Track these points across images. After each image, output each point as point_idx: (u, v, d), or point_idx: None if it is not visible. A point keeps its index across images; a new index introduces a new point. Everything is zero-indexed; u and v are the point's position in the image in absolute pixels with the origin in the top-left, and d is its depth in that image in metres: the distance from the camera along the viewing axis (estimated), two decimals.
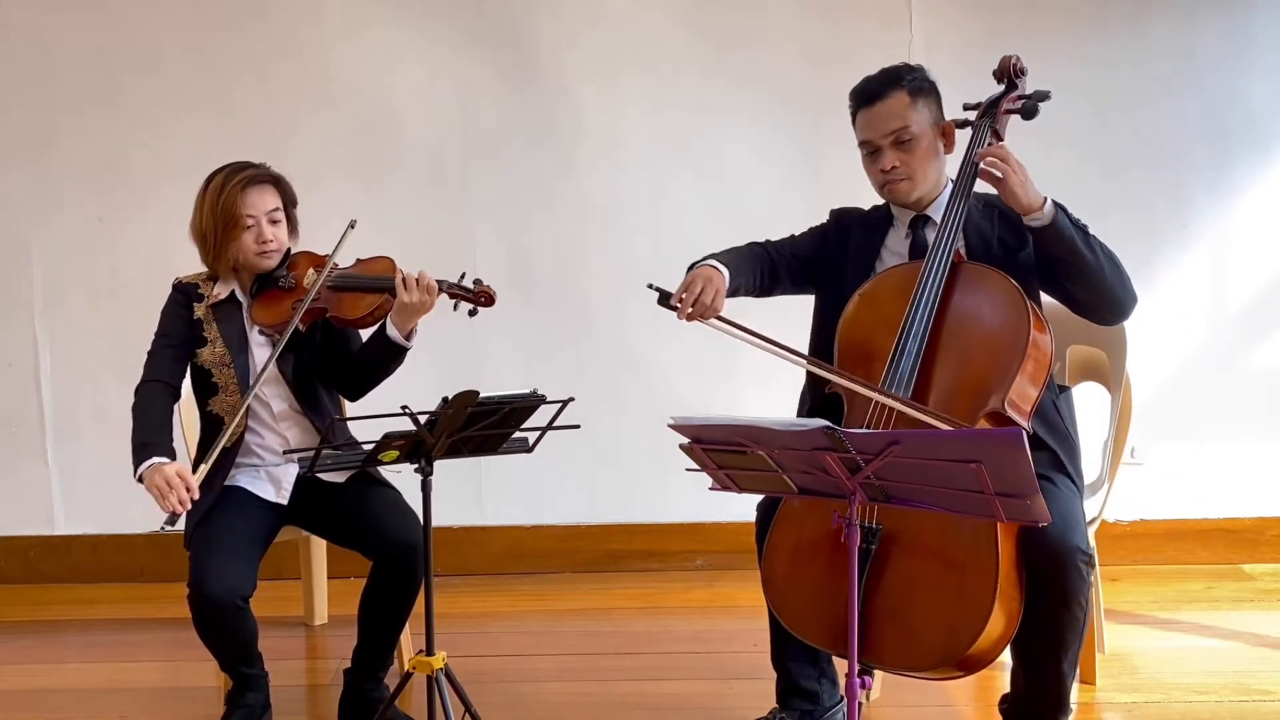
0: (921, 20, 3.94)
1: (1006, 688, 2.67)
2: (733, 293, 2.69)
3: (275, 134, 3.94)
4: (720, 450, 2.20)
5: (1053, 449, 2.59)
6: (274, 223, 2.88)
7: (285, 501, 2.90)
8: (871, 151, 2.68)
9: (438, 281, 2.80)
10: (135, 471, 2.73)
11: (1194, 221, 3.97)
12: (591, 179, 4.04)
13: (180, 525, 2.70)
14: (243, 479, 2.90)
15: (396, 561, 2.79)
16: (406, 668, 2.69)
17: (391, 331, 2.84)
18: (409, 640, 3.06)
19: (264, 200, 2.87)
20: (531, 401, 2.49)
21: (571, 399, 2.54)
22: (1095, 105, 3.87)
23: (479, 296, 2.81)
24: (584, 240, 4.06)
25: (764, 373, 4.01)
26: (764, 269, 2.80)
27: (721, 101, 4.00)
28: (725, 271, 2.68)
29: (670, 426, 2.21)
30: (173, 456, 2.73)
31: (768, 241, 2.88)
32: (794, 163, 4.01)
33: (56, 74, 4.01)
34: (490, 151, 4.02)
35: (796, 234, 2.91)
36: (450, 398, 2.37)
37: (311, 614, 3.71)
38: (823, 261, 2.83)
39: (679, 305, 2.59)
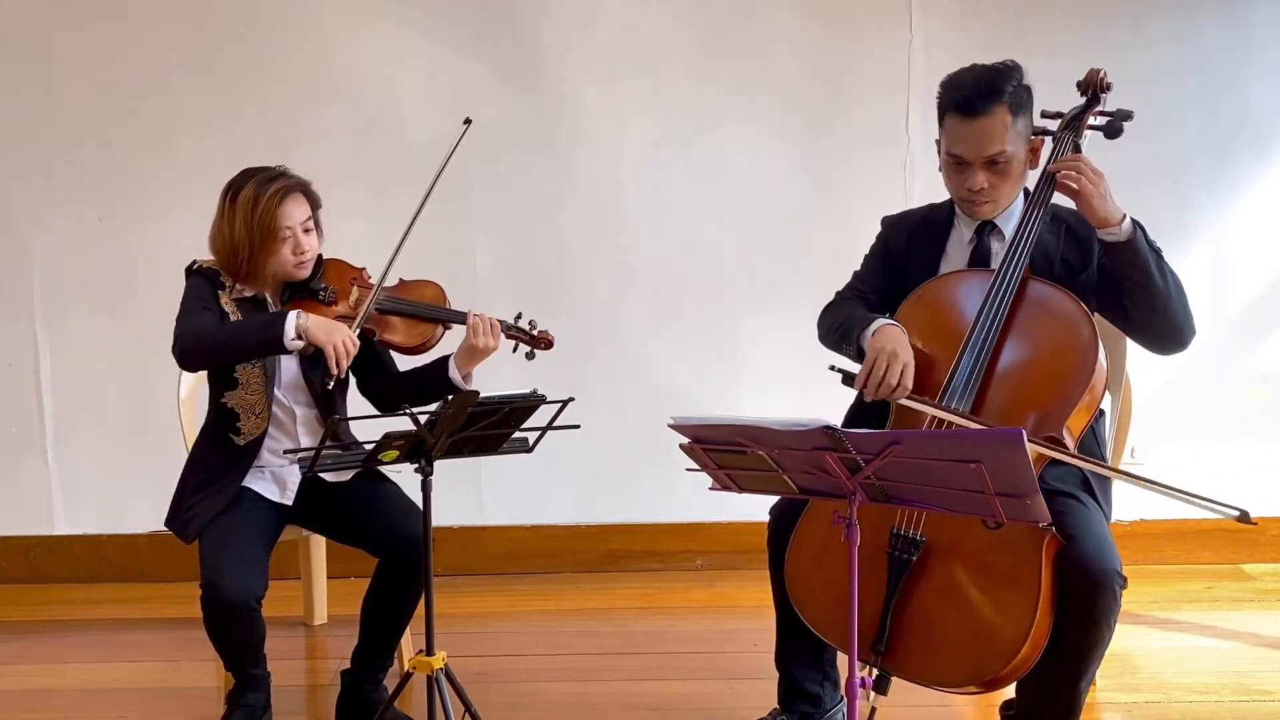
0: (921, 20, 3.94)
1: (1009, 692, 2.65)
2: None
3: (275, 134, 3.94)
4: (720, 450, 2.20)
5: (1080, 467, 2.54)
6: (307, 231, 2.84)
7: (290, 502, 2.90)
8: (959, 163, 2.54)
9: (500, 322, 2.82)
10: (285, 331, 2.66)
11: (1194, 221, 3.97)
12: (591, 179, 4.04)
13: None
14: (248, 480, 2.89)
15: (404, 558, 2.78)
16: (406, 668, 2.69)
17: (453, 373, 2.85)
18: (409, 640, 3.06)
19: (299, 210, 2.82)
20: (531, 401, 2.49)
21: (571, 399, 2.54)
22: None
23: (538, 341, 2.88)
24: (584, 241, 4.06)
25: (765, 373, 4.04)
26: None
27: (721, 102, 4.00)
28: (903, 328, 2.50)
29: (670, 426, 2.21)
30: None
31: (852, 289, 2.76)
32: (794, 163, 4.01)
33: (56, 74, 4.00)
34: (490, 152, 4.02)
35: (859, 271, 2.80)
36: (450, 398, 2.37)
37: (311, 614, 3.71)
38: (895, 282, 2.69)
39: (865, 390, 2.44)
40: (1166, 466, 3.97)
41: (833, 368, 2.49)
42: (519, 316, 2.88)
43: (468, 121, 2.83)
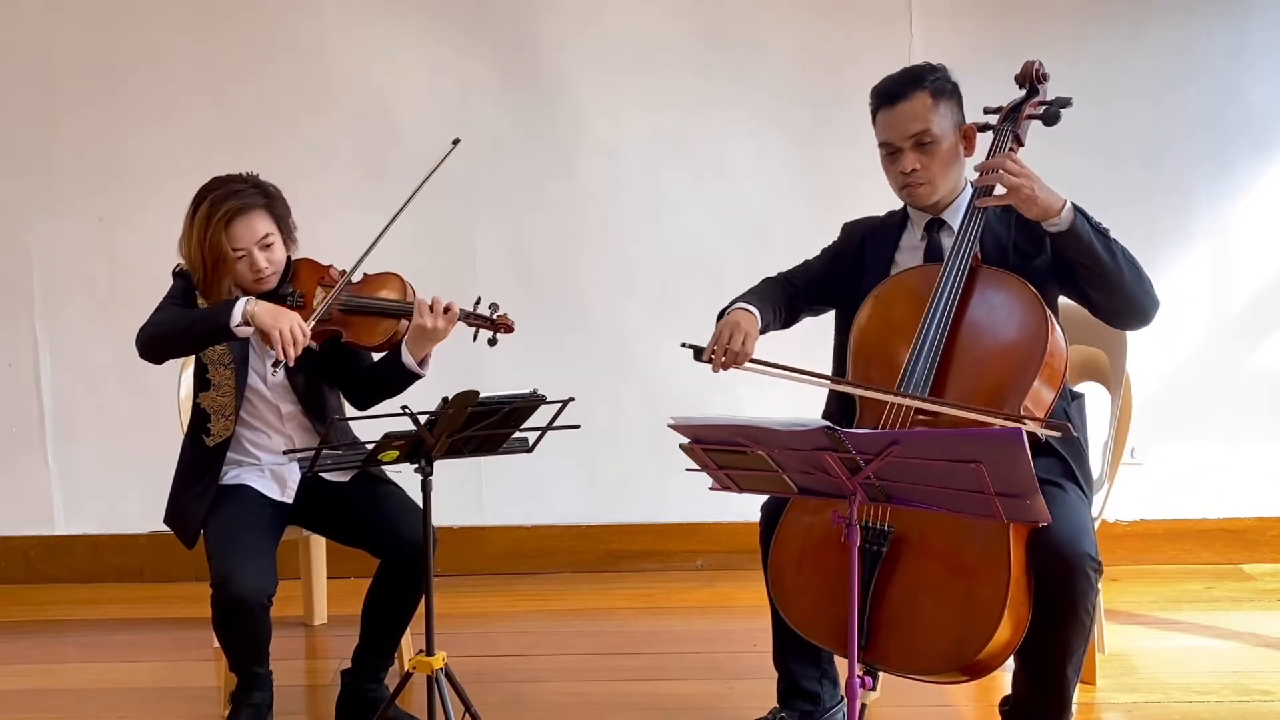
0: (921, 20, 3.94)
1: (1007, 689, 2.67)
2: (762, 330, 2.68)
3: (275, 133, 3.94)
4: (720, 450, 2.20)
5: (1062, 455, 2.57)
6: (266, 247, 2.80)
7: (290, 501, 2.90)
8: (891, 153, 2.64)
9: (460, 310, 2.78)
10: (232, 315, 2.65)
11: (1194, 221, 3.97)
12: (591, 178, 4.04)
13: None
14: (248, 478, 2.90)
15: (405, 560, 2.78)
16: (406, 668, 2.69)
17: (406, 359, 2.80)
18: (409, 640, 3.06)
19: (252, 230, 2.78)
20: (531, 401, 2.49)
21: (571, 399, 2.54)
22: (1095, 104, 3.84)
23: (498, 326, 2.82)
24: (584, 240, 4.06)
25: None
26: (784, 301, 2.79)
27: (721, 101, 4.00)
28: (755, 311, 2.67)
29: (670, 426, 2.21)
30: None
31: (784, 273, 2.88)
32: (793, 162, 4.01)
33: (56, 74, 4.01)
34: (490, 151, 4.02)
35: (809, 259, 2.89)
36: (450, 398, 2.37)
37: (311, 614, 3.71)
38: (839, 278, 2.80)
39: (711, 359, 2.59)
40: (1167, 466, 3.99)
41: (683, 344, 2.61)
42: (478, 302, 2.82)
43: (456, 142, 2.83)
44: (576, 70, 4.00)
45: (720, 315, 2.72)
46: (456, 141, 2.81)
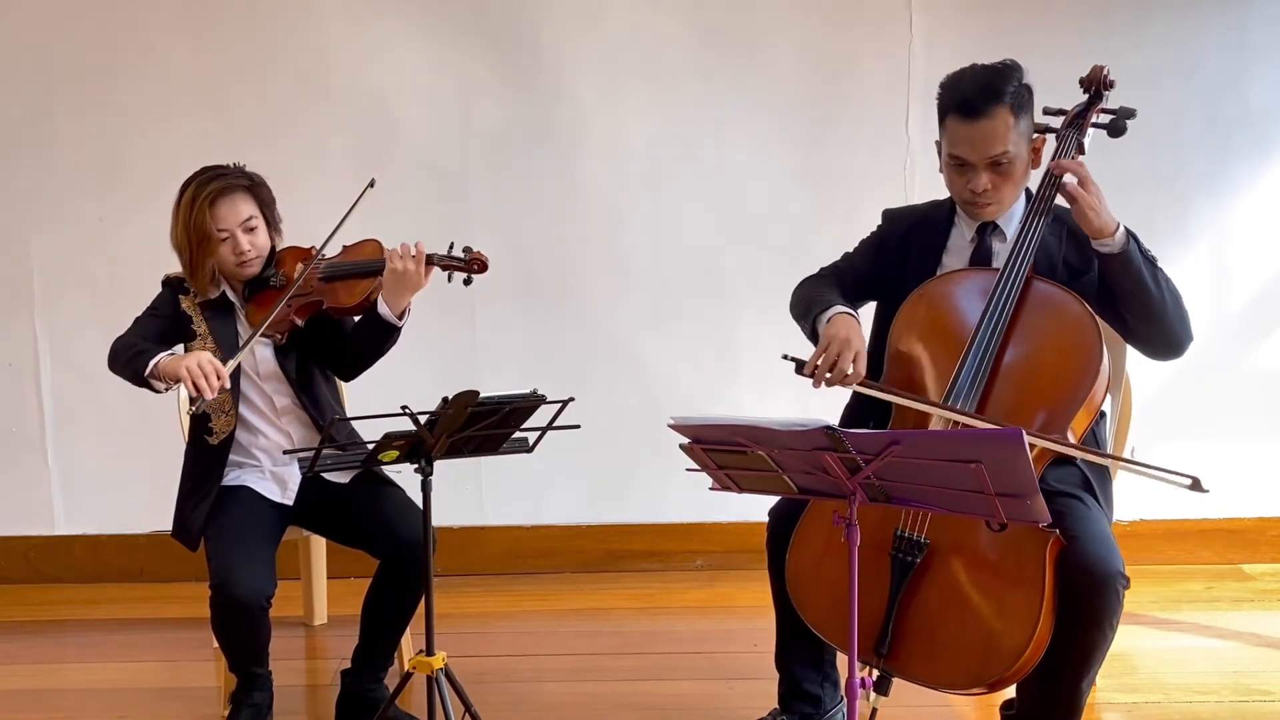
0: (921, 20, 3.93)
1: (1009, 691, 2.66)
2: None
3: (274, 133, 3.93)
4: (720, 450, 2.20)
5: (1079, 467, 2.54)
6: (250, 230, 2.84)
7: (290, 502, 2.91)
8: (960, 165, 2.52)
9: (428, 255, 2.76)
10: (145, 368, 2.70)
11: (1193, 221, 3.97)
12: (591, 180, 4.04)
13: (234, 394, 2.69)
14: (249, 479, 2.90)
15: (407, 561, 2.78)
16: (406, 668, 2.69)
17: (383, 309, 2.80)
18: (409, 640, 3.06)
19: (235, 211, 2.83)
20: (531, 401, 2.49)
21: (571, 399, 2.54)
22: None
23: (471, 264, 2.79)
24: (584, 241, 4.06)
25: (764, 373, 4.03)
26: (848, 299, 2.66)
27: (721, 102, 3.99)
28: (858, 318, 2.54)
29: (670, 426, 2.21)
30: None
31: (830, 269, 2.77)
32: (794, 163, 4.01)
33: (56, 74, 4.00)
34: (490, 152, 4.02)
35: (849, 252, 2.79)
36: (450, 398, 2.37)
37: (311, 614, 3.71)
38: (884, 272, 2.70)
39: (814, 374, 2.47)
40: (1166, 466, 3.98)
41: (785, 356, 2.48)
42: (451, 246, 2.82)
43: (371, 183, 2.86)
44: (577, 71, 4.00)
45: (807, 310, 2.59)
46: (372, 183, 2.85)
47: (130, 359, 2.77)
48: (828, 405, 2.66)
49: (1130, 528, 3.97)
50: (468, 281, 2.82)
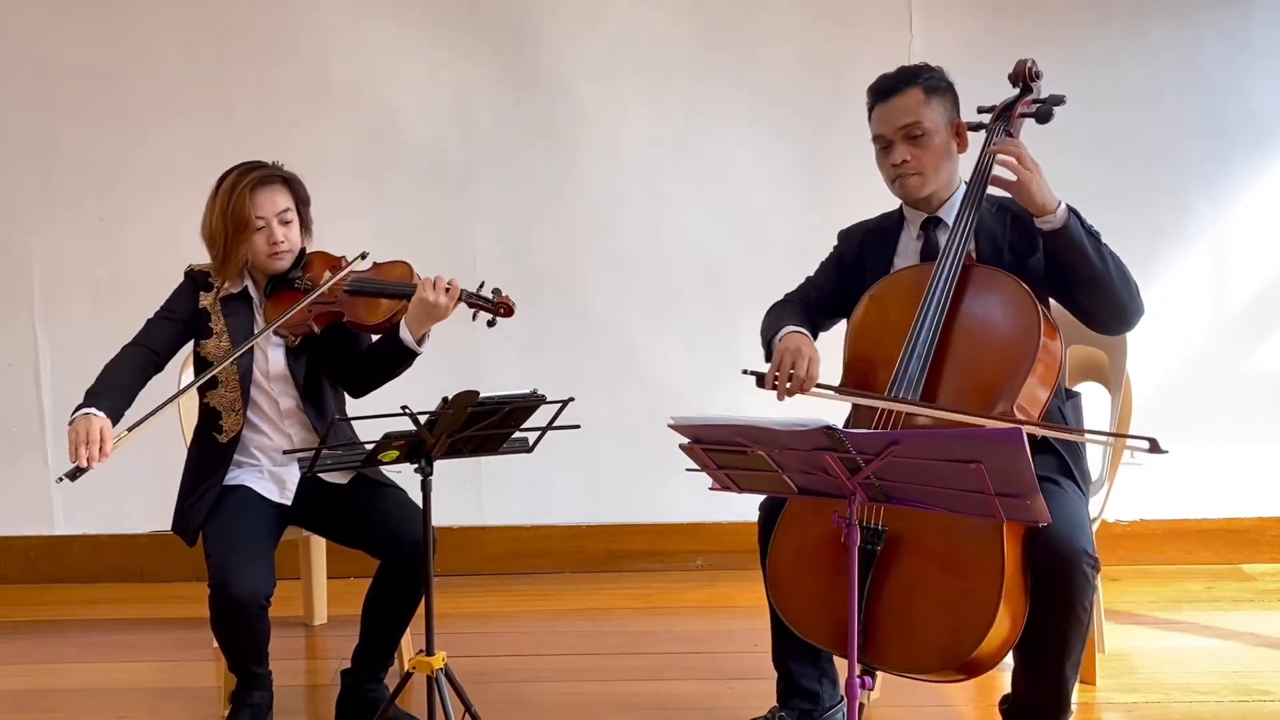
0: (921, 20, 3.94)
1: (1007, 688, 2.67)
2: None
3: (275, 134, 3.93)
4: (720, 450, 2.20)
5: (1059, 453, 2.58)
6: (285, 223, 2.86)
7: (289, 502, 2.91)
8: (884, 146, 2.66)
9: (462, 290, 2.79)
10: (70, 417, 2.73)
11: (1194, 221, 3.97)
12: (591, 179, 4.04)
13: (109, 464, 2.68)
14: (247, 479, 2.90)
15: (406, 562, 2.78)
16: (406, 668, 2.69)
17: (404, 334, 2.81)
18: (409, 640, 3.06)
19: (274, 201, 2.85)
20: (531, 401, 2.49)
21: (571, 399, 2.54)
22: (1095, 104, 3.86)
23: (498, 307, 2.83)
24: (584, 240, 4.06)
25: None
26: (808, 322, 2.77)
27: (721, 102, 4.00)
28: (809, 332, 2.66)
29: (670, 426, 2.21)
30: (113, 417, 2.71)
31: (794, 294, 2.87)
32: (793, 163, 4.01)
33: (56, 75, 4.01)
34: (490, 152, 4.02)
35: (810, 276, 2.89)
36: (450, 398, 2.37)
37: (311, 614, 3.71)
38: (846, 287, 2.80)
39: (774, 386, 2.58)
40: (1166, 466, 3.98)
41: (745, 371, 2.59)
42: (481, 285, 2.84)
43: (363, 255, 2.88)
44: (577, 71, 4.00)
45: (767, 343, 2.72)
46: (364, 255, 2.88)
47: (85, 393, 2.79)
48: (828, 405, 2.66)
49: (1130, 528, 3.97)
50: (491, 323, 2.85)
